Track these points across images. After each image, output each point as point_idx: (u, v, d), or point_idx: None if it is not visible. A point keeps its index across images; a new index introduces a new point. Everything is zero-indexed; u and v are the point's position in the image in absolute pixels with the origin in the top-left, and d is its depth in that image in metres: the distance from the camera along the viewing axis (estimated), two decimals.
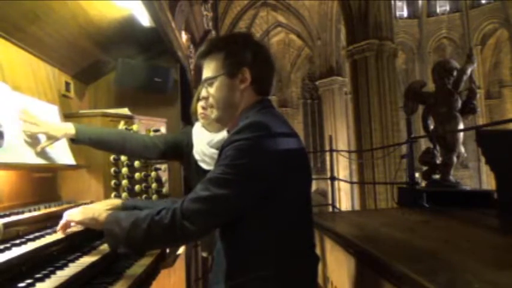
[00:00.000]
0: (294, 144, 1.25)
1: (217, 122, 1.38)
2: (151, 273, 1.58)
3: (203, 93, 1.37)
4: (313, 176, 1.85)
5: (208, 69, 1.32)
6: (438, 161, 3.65)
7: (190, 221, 1.13)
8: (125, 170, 2.08)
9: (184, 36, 3.16)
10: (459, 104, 3.68)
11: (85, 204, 1.64)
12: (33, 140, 1.60)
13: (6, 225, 1.20)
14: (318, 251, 2.74)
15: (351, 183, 13.43)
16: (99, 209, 1.35)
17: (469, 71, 3.77)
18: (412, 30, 21.95)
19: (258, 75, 1.30)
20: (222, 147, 1.21)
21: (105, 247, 1.48)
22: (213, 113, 1.34)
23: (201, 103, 1.99)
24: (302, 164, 1.27)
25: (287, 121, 1.34)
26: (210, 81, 1.31)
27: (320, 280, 2.71)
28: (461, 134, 3.65)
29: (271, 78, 1.36)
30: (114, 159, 2.08)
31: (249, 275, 1.16)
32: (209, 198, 1.13)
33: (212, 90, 1.31)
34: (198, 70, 3.70)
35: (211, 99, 1.32)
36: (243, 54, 1.29)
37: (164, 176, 2.32)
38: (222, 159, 1.18)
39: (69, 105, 2.19)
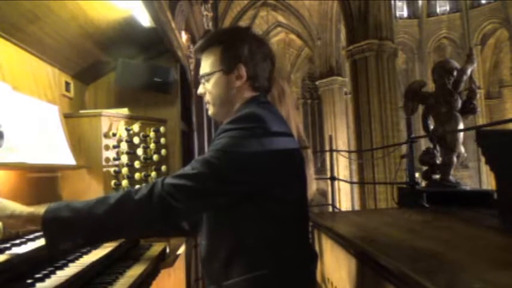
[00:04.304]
0: (288, 143, 1.23)
1: (214, 117, 1.35)
2: (151, 273, 1.59)
3: (200, 89, 1.33)
4: (313, 176, 1.84)
5: (206, 65, 1.29)
6: (438, 161, 3.65)
7: (172, 196, 1.05)
8: (125, 170, 2.08)
9: (184, 36, 3.17)
10: (459, 104, 3.68)
11: None
12: (33, 140, 1.60)
13: None
14: (317, 251, 2.74)
15: (351, 183, 13.42)
16: (17, 204, 1.09)
17: (469, 71, 3.77)
18: (412, 30, 21.94)
19: (255, 72, 1.27)
20: (215, 135, 1.19)
21: (105, 247, 1.49)
22: (210, 109, 1.32)
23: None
24: (296, 164, 1.25)
25: (283, 118, 1.32)
26: (207, 77, 1.29)
27: (320, 280, 2.71)
28: (461, 134, 3.65)
29: (270, 74, 1.32)
30: (114, 159, 2.08)
31: (245, 275, 1.14)
32: (194, 175, 1.08)
33: (209, 86, 1.29)
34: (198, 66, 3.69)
35: (207, 96, 1.30)
36: (239, 50, 1.25)
37: None
38: (213, 145, 1.15)
39: (69, 105, 2.19)
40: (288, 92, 1.78)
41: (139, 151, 2.17)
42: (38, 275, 1.05)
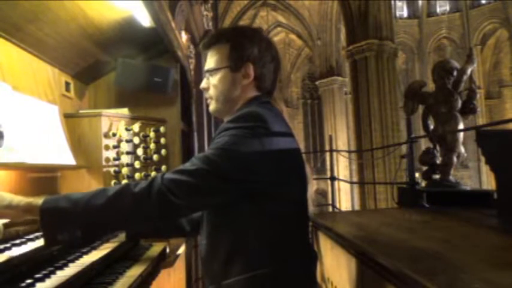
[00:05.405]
0: (289, 143, 1.23)
1: (214, 114, 1.35)
2: (151, 273, 1.58)
3: (203, 84, 1.33)
4: (313, 176, 1.84)
5: (212, 60, 1.30)
6: (438, 161, 3.65)
7: (171, 191, 1.05)
8: (125, 170, 2.09)
9: (184, 36, 3.16)
10: (459, 104, 3.68)
11: None
12: (33, 140, 1.60)
13: (6, 225, 1.21)
14: (317, 251, 2.74)
15: (351, 183, 13.42)
16: (14, 195, 1.08)
17: (469, 71, 3.77)
18: (412, 30, 21.94)
19: (262, 72, 1.29)
20: (216, 133, 1.19)
21: (105, 247, 1.48)
22: (212, 105, 1.32)
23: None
24: (296, 164, 1.25)
25: (284, 118, 1.32)
26: (213, 72, 1.29)
27: (320, 280, 2.71)
28: (461, 134, 3.65)
29: (276, 76, 1.34)
30: (114, 159, 2.08)
31: (245, 274, 1.13)
32: (193, 171, 1.08)
33: (214, 81, 1.29)
34: (198, 66, 3.69)
35: (211, 91, 1.31)
36: (250, 49, 1.27)
37: None
38: (214, 143, 1.15)
39: (69, 105, 2.19)
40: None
41: (140, 151, 2.18)
42: (38, 275, 1.05)
